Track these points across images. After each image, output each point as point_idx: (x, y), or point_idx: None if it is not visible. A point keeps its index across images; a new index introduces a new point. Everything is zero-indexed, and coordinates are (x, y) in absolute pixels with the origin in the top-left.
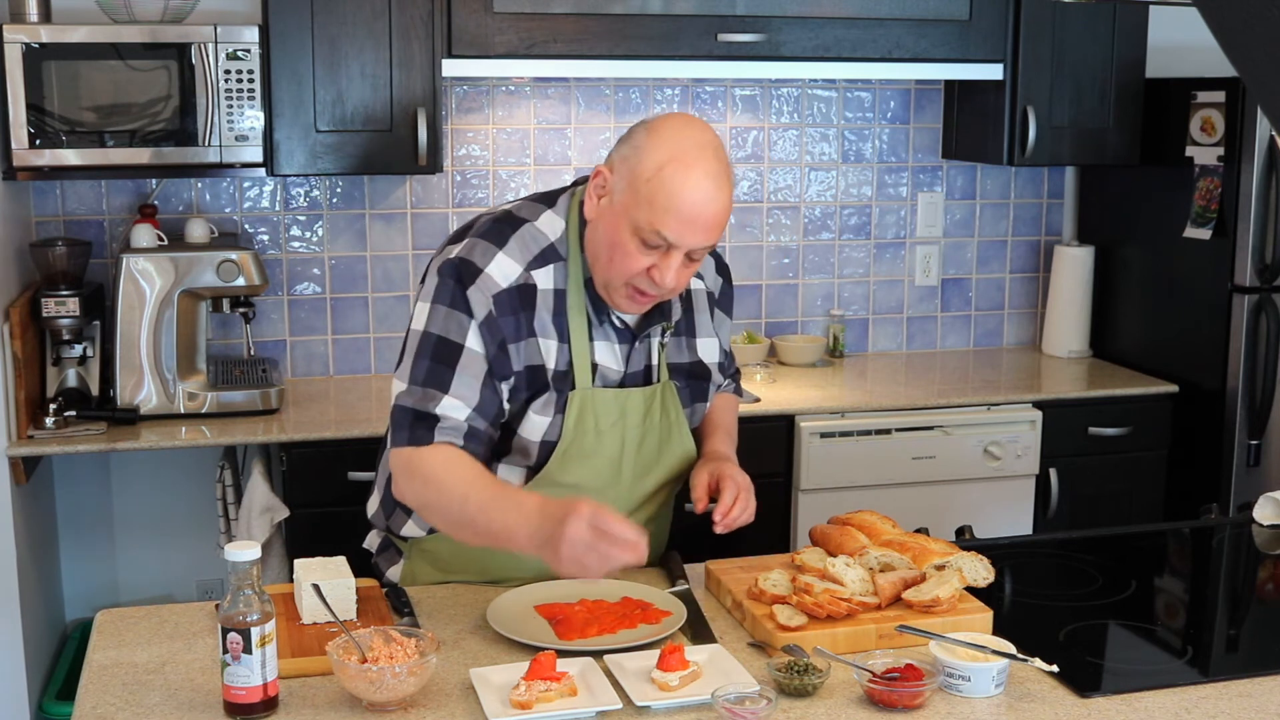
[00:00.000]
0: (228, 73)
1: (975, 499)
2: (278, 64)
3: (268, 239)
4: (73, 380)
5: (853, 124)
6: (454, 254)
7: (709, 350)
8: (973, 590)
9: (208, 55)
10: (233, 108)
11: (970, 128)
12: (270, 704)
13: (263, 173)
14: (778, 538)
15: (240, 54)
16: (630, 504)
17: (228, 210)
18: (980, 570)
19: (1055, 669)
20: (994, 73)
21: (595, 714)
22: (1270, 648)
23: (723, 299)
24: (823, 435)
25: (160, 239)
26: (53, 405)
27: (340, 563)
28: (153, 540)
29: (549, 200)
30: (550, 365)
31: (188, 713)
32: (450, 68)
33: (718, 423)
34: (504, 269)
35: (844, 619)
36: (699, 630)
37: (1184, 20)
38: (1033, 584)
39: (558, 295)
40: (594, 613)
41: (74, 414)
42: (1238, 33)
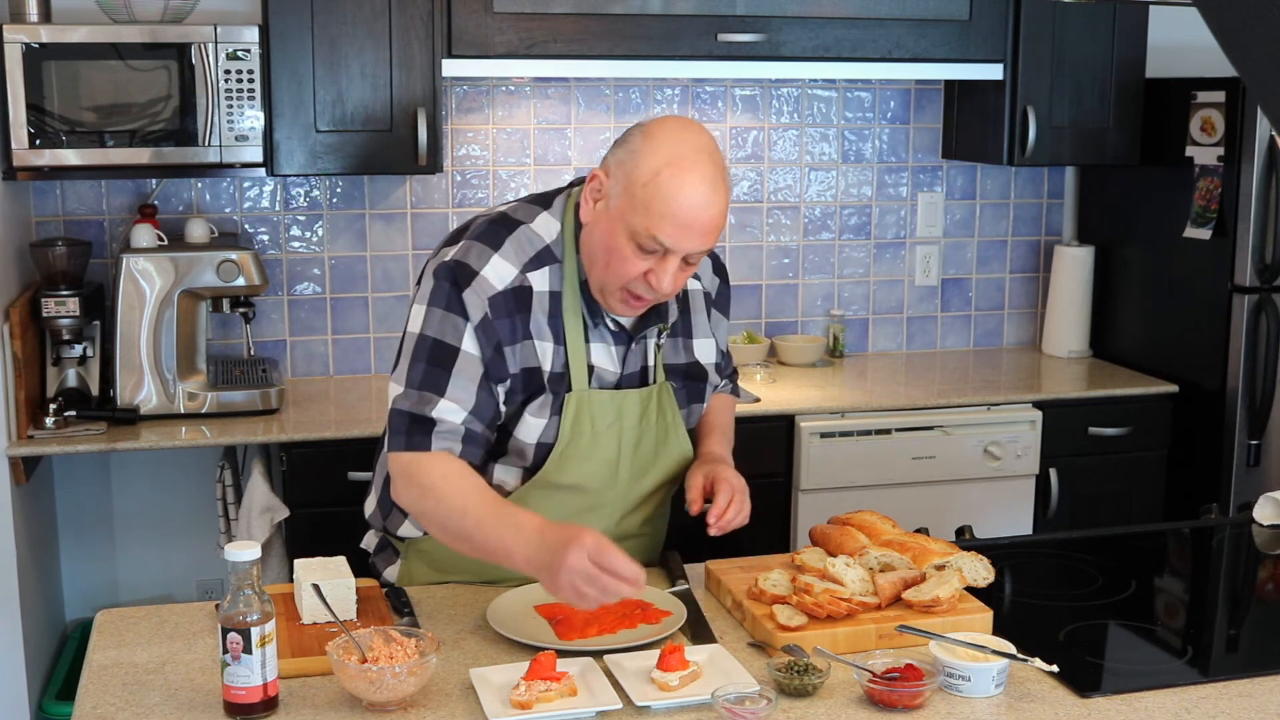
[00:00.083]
0: (228, 73)
1: (975, 499)
2: (278, 64)
3: (268, 239)
4: (73, 380)
5: (853, 124)
6: (449, 257)
7: (705, 351)
8: (973, 590)
9: (208, 55)
10: (233, 108)
11: (970, 128)
12: (270, 704)
13: (263, 173)
14: (778, 538)
15: (240, 54)
16: (627, 505)
17: (228, 210)
18: (980, 570)
19: (1055, 669)
20: (994, 73)
21: (595, 714)
22: (1270, 648)
23: (720, 299)
24: (823, 435)
25: (160, 239)
26: (53, 405)
27: (340, 563)
28: (153, 540)
29: (544, 202)
30: (546, 367)
31: (188, 713)
32: (450, 68)
33: (714, 424)
34: (499, 271)
35: (844, 619)
36: (699, 630)
37: (1184, 20)
38: (1033, 584)
39: (553, 297)
40: (594, 613)
41: (74, 414)
42: (1238, 33)
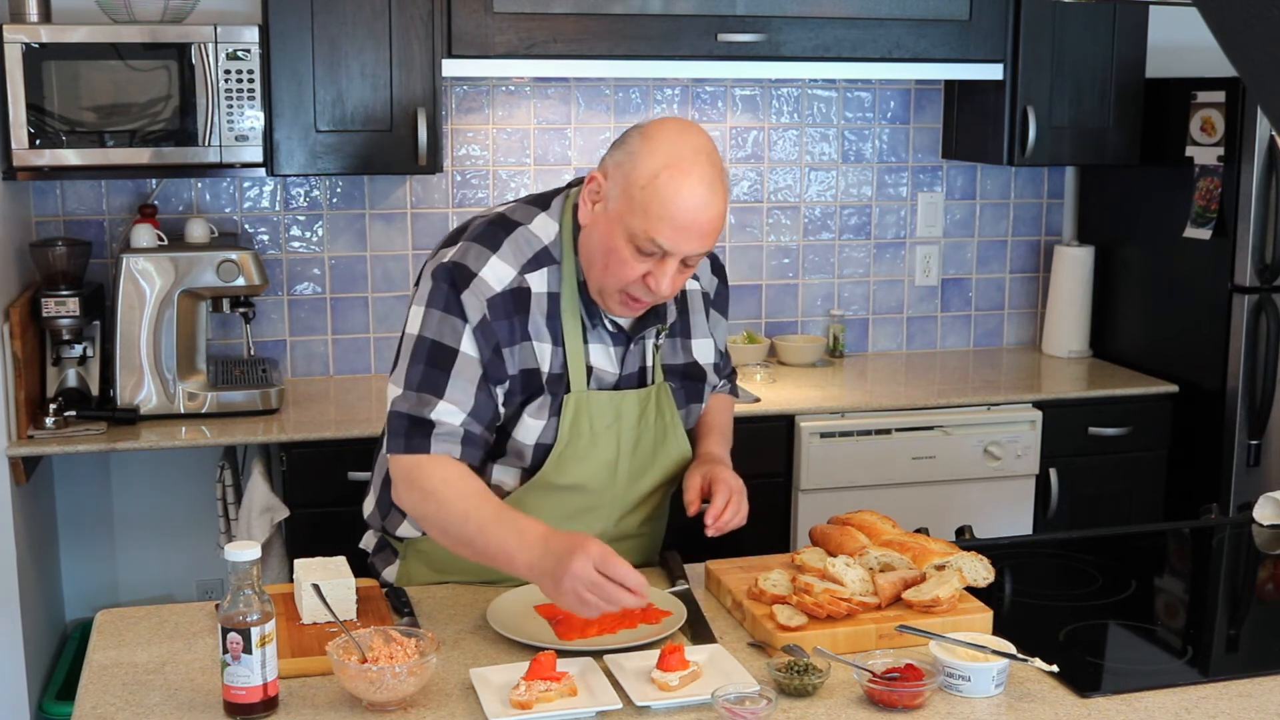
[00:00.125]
0: (228, 73)
1: (975, 499)
2: (278, 64)
3: (268, 239)
4: (73, 380)
5: (853, 124)
6: (448, 258)
7: (704, 351)
8: (973, 590)
9: (208, 55)
10: (233, 108)
11: (970, 128)
12: (270, 704)
13: (263, 173)
14: (778, 538)
15: (240, 54)
16: (626, 505)
17: (228, 210)
18: (980, 570)
19: (1055, 669)
20: (994, 73)
21: (595, 714)
22: (1270, 648)
23: (718, 299)
24: (823, 435)
25: (160, 239)
26: (53, 405)
27: (340, 563)
28: (153, 540)
29: (542, 203)
30: (544, 368)
31: (188, 713)
32: (450, 68)
33: (712, 424)
34: (498, 273)
35: (844, 619)
36: (699, 630)
37: (1184, 20)
38: (1033, 584)
39: (551, 298)
40: None
41: (74, 414)
42: (1238, 33)
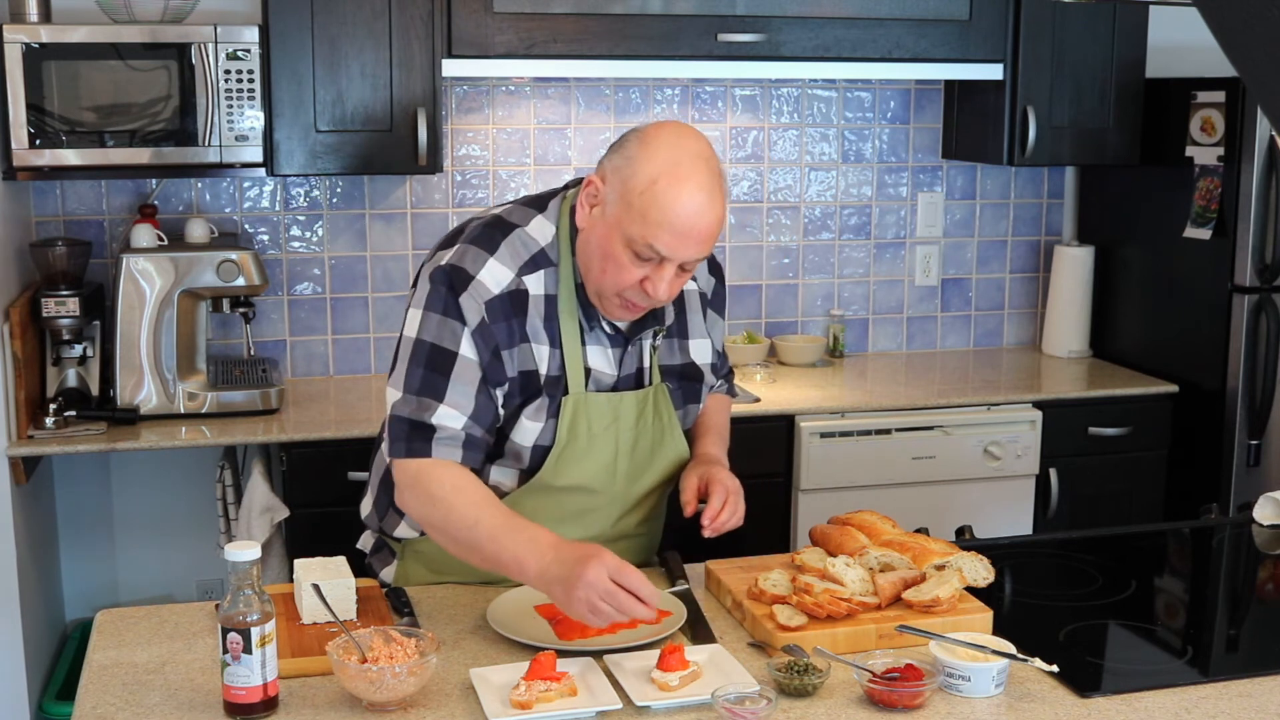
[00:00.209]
0: (228, 73)
1: (975, 499)
2: (278, 64)
3: (268, 239)
4: (73, 380)
5: (853, 124)
6: (445, 260)
7: (701, 351)
8: (973, 590)
9: (208, 55)
10: (233, 108)
11: (970, 128)
12: (270, 704)
13: (263, 173)
14: (778, 538)
15: (240, 54)
16: (624, 506)
17: (228, 210)
18: (980, 570)
19: (1055, 669)
20: (994, 73)
21: (595, 714)
22: (1270, 648)
23: (715, 299)
24: (823, 435)
25: (160, 239)
26: (53, 405)
27: (340, 563)
28: (153, 540)
29: (539, 205)
30: (542, 370)
31: (188, 713)
32: (450, 68)
33: (710, 424)
34: (495, 275)
35: (844, 619)
36: (699, 630)
37: (1184, 20)
38: (1033, 584)
39: (549, 300)
40: None
41: (74, 414)
42: (1238, 33)
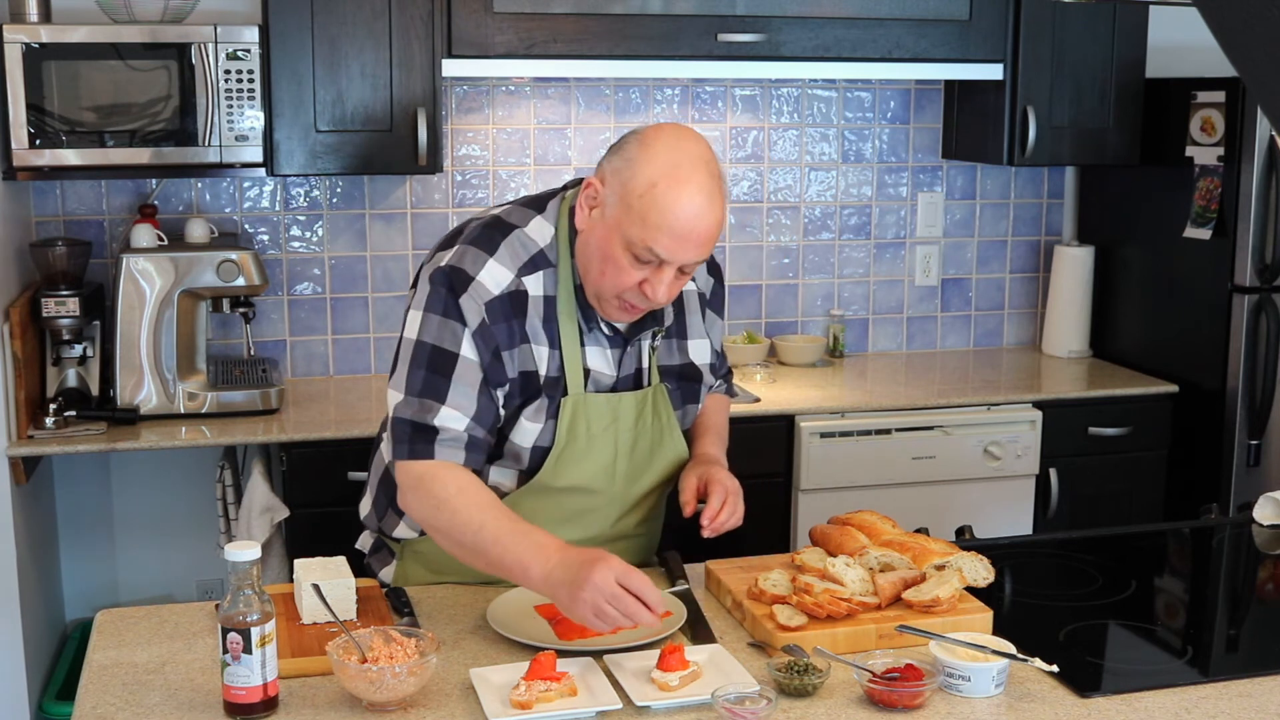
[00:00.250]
0: (228, 73)
1: (975, 499)
2: (278, 64)
3: (268, 239)
4: (73, 380)
5: (853, 124)
6: (445, 261)
7: (700, 352)
8: (973, 590)
9: (208, 55)
10: (233, 108)
11: (970, 128)
12: (270, 704)
13: (263, 173)
14: (778, 538)
15: (240, 54)
16: (623, 507)
17: (228, 210)
18: (980, 570)
19: (1055, 669)
20: (994, 73)
21: (595, 714)
22: (1270, 648)
23: (714, 299)
24: (823, 435)
25: (160, 239)
26: (53, 405)
27: (340, 563)
28: (153, 540)
29: (538, 206)
30: (542, 371)
31: (188, 713)
32: (450, 68)
33: (708, 424)
34: (495, 276)
35: (844, 619)
36: (699, 630)
37: (1184, 20)
38: (1033, 584)
39: (548, 302)
40: None
41: (74, 414)
42: (1238, 33)
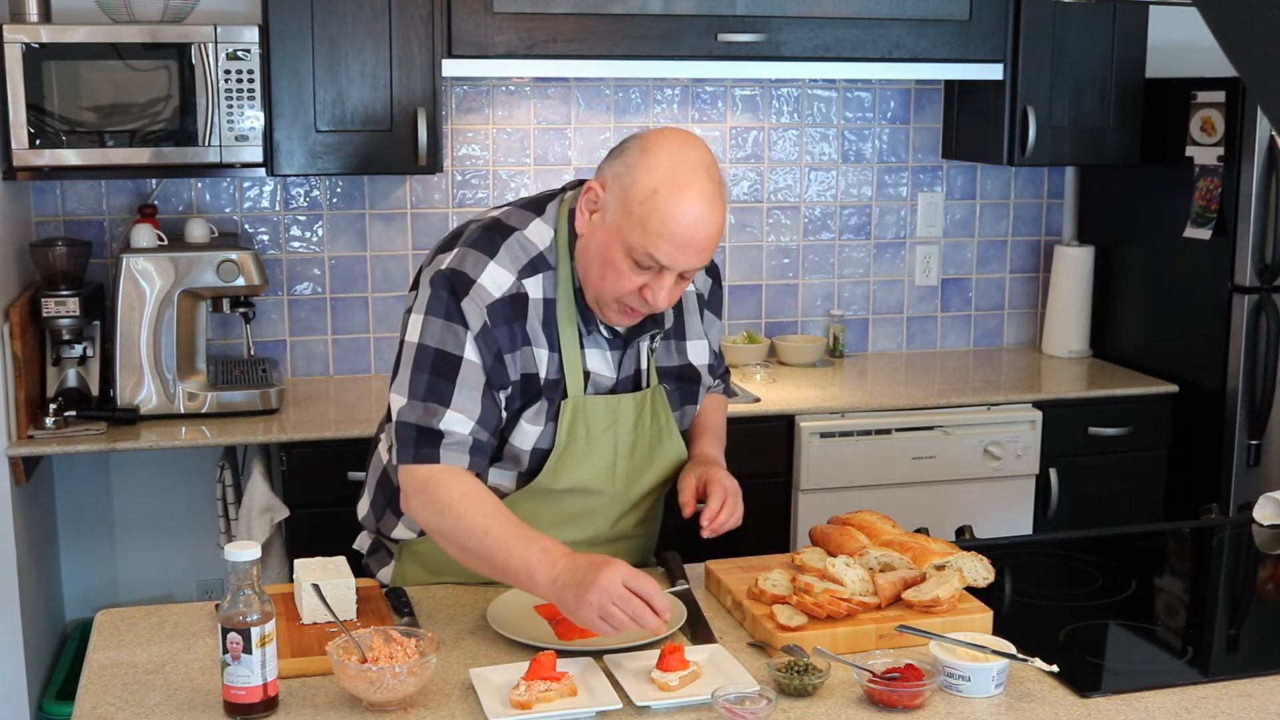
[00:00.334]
0: (228, 73)
1: (975, 499)
2: (278, 64)
3: (268, 239)
4: (73, 380)
5: (853, 124)
6: (445, 264)
7: (698, 353)
8: (973, 590)
9: (208, 55)
10: (233, 108)
11: (970, 128)
12: (270, 704)
13: (263, 173)
14: (778, 538)
15: (240, 54)
16: (622, 508)
17: (228, 210)
18: (980, 570)
19: (1055, 669)
20: (994, 73)
21: (595, 714)
22: (1270, 648)
23: (712, 300)
24: (823, 435)
25: (160, 239)
26: (53, 405)
27: (340, 563)
28: (153, 540)
29: (537, 208)
30: (542, 373)
31: (188, 713)
32: (450, 68)
33: (706, 425)
34: (496, 279)
35: (844, 619)
36: (699, 630)
37: (1184, 20)
38: (1033, 584)
39: (547, 304)
40: None
41: (74, 414)
42: (1238, 33)
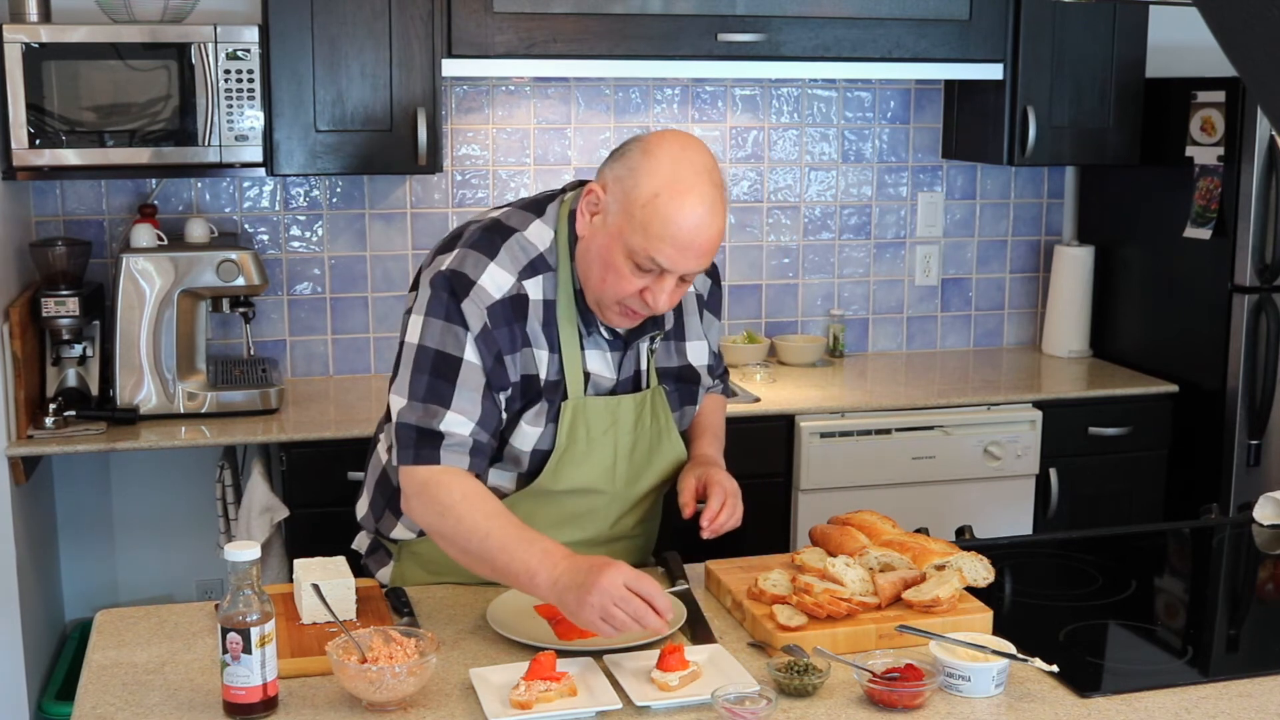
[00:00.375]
0: (228, 73)
1: (975, 499)
2: (278, 64)
3: (267, 239)
4: (72, 380)
5: (853, 124)
6: (445, 265)
7: (698, 353)
8: (973, 590)
9: (208, 55)
10: (233, 108)
11: (970, 128)
12: (270, 704)
13: (263, 173)
14: (778, 538)
15: (240, 54)
16: (622, 508)
17: (228, 210)
18: (980, 570)
19: (1055, 669)
20: (994, 73)
21: (595, 714)
22: (1270, 648)
23: (711, 300)
24: (823, 435)
25: (160, 239)
26: (52, 405)
27: (340, 563)
28: (153, 540)
29: (537, 209)
30: (542, 375)
31: (188, 713)
32: (450, 68)
33: (706, 425)
34: (496, 280)
35: (844, 619)
36: (699, 630)
37: (1184, 20)
38: (1033, 584)
39: (547, 305)
40: None
41: (74, 414)
42: (1238, 33)
